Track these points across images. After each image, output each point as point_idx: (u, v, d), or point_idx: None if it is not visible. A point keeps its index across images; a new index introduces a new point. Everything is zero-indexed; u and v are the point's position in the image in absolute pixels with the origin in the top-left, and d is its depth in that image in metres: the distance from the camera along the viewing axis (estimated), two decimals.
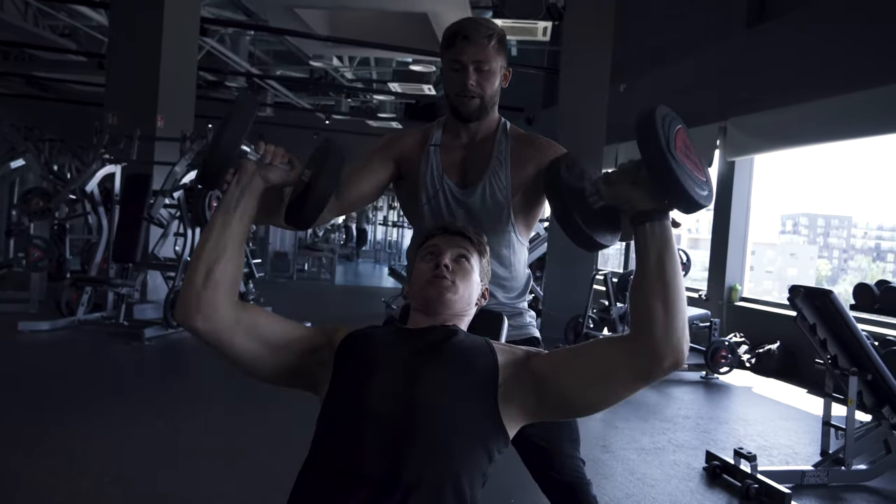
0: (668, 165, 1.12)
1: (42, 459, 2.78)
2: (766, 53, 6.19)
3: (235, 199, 1.24)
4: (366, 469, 1.04)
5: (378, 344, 1.23)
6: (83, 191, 5.91)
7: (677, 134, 1.17)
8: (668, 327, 1.11)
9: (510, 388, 1.19)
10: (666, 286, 1.12)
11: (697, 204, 1.16)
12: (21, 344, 4.96)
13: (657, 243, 1.15)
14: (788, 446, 3.71)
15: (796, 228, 25.53)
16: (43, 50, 11.48)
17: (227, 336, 1.21)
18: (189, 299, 1.19)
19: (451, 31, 1.60)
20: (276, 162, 1.27)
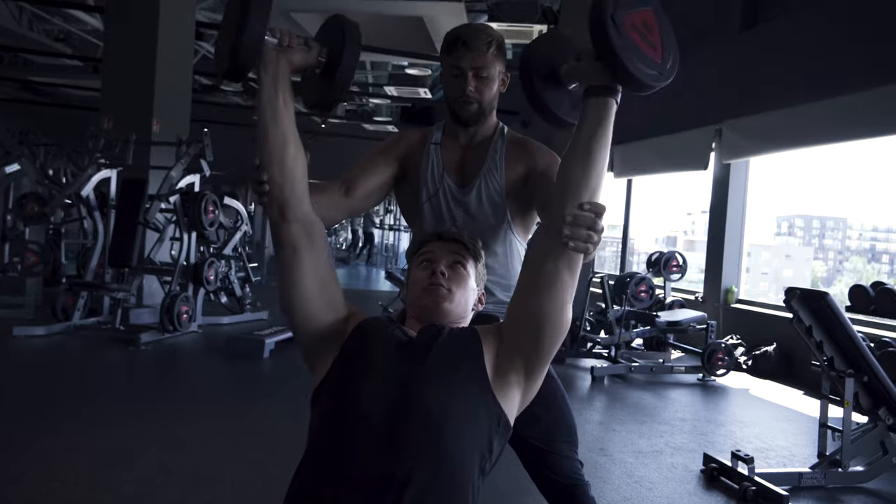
0: (605, 33, 1.14)
1: (38, 465, 2.77)
2: (759, 56, 6.21)
3: (273, 88, 1.26)
4: (360, 468, 1.05)
5: (377, 348, 1.24)
6: (78, 195, 5.89)
7: (638, 13, 1.19)
8: (576, 195, 1.19)
9: (499, 363, 1.23)
10: (589, 157, 1.21)
11: (637, 79, 1.18)
12: (16, 349, 4.94)
13: (594, 117, 1.22)
14: (786, 448, 3.72)
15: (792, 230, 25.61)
16: (37, 54, 11.47)
17: (304, 244, 1.27)
18: (273, 199, 1.25)
19: (451, 37, 1.63)
20: (294, 44, 1.28)
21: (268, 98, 1.25)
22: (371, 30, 9.68)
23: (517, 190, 1.68)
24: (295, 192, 1.25)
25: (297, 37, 1.30)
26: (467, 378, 1.20)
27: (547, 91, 1.36)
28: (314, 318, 1.28)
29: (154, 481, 2.72)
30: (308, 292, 1.27)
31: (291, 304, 1.28)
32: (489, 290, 1.66)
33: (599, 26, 1.15)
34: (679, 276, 6.36)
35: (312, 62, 1.33)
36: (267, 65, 1.26)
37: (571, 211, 1.17)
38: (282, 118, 1.25)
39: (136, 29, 6.74)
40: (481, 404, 1.18)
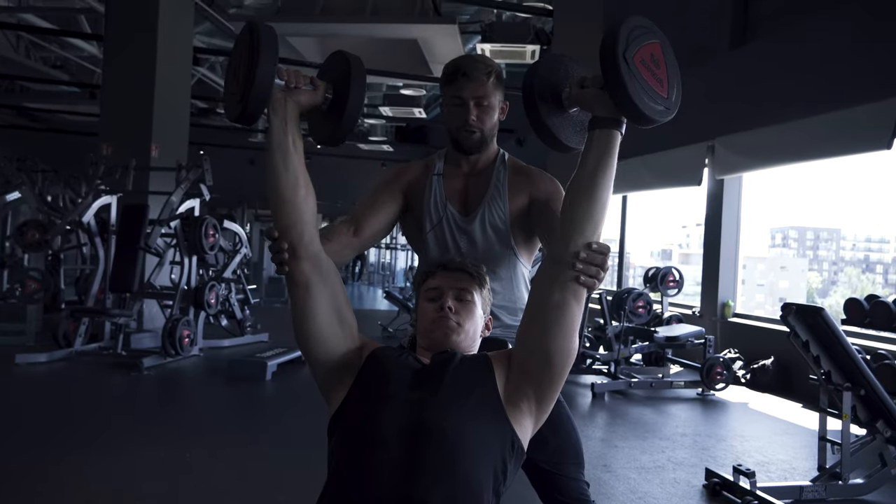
0: (616, 68, 1.17)
1: (44, 493, 2.78)
2: (750, 73, 6.32)
3: (282, 130, 1.29)
4: (379, 494, 1.08)
5: (391, 375, 1.28)
6: (79, 222, 5.93)
7: (646, 46, 1.22)
8: (581, 222, 1.23)
9: (509, 390, 1.26)
10: (593, 190, 1.24)
11: (644, 115, 1.21)
12: (19, 376, 4.95)
13: (598, 149, 1.26)
14: (786, 461, 3.76)
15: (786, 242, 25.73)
16: (35, 81, 11.54)
17: (316, 280, 1.29)
18: (286, 236, 1.27)
19: (451, 68, 1.68)
20: (300, 84, 1.32)
21: (278, 141, 1.29)
22: (366, 52, 9.75)
23: (520, 217, 1.72)
24: (306, 232, 1.28)
25: (304, 76, 1.33)
26: (480, 403, 1.23)
27: (550, 114, 1.39)
28: (331, 350, 1.32)
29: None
30: (324, 325, 1.30)
31: (308, 338, 1.31)
32: (496, 315, 1.70)
33: (612, 65, 1.18)
34: (676, 292, 6.42)
35: (319, 100, 1.36)
36: (276, 108, 1.29)
37: (581, 249, 1.22)
38: (292, 160, 1.29)
39: (134, 55, 6.82)
40: (495, 429, 1.22)
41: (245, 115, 1.27)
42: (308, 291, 1.29)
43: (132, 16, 6.85)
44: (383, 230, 1.78)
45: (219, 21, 8.50)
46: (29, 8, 9.23)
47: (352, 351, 1.33)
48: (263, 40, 1.24)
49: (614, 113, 1.25)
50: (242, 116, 1.27)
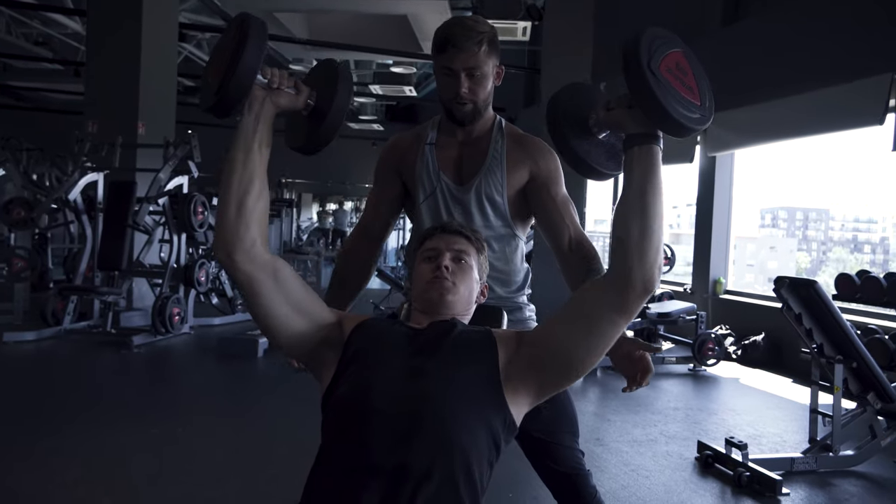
0: (644, 81, 1.11)
1: (35, 471, 2.76)
2: (742, 51, 6.28)
3: (252, 128, 1.23)
4: (375, 462, 1.06)
5: (383, 342, 1.25)
6: (65, 200, 5.85)
7: (669, 55, 1.16)
8: (641, 250, 1.13)
9: (510, 371, 1.22)
10: (644, 212, 1.15)
11: (681, 124, 1.14)
12: (6, 355, 4.90)
13: (642, 166, 1.17)
14: (777, 435, 3.78)
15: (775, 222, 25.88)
16: (17, 59, 11.34)
17: (260, 279, 1.21)
18: (225, 234, 1.20)
19: (441, 37, 1.60)
20: (283, 86, 1.26)
21: (244, 138, 1.22)
22: (355, 28, 9.69)
23: (519, 190, 1.68)
24: (247, 235, 1.20)
25: (289, 77, 1.27)
26: (479, 375, 1.21)
27: (581, 144, 1.30)
28: (300, 338, 1.27)
29: (153, 482, 2.72)
30: (283, 318, 1.25)
31: (269, 332, 1.27)
32: (490, 286, 1.67)
33: (639, 78, 1.11)
34: (668, 269, 6.43)
35: (299, 105, 1.30)
36: (252, 103, 1.22)
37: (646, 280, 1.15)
38: (253, 160, 1.22)
39: (118, 32, 6.70)
40: (491, 404, 1.20)
41: (219, 106, 1.21)
42: (253, 292, 1.22)
43: None
44: (392, 221, 1.83)
45: None
46: None
47: (327, 329, 1.28)
48: (252, 33, 1.18)
49: (649, 127, 1.17)
50: (216, 107, 1.21)
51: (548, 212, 1.66)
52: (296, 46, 10.53)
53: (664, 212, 1.16)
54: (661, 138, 1.19)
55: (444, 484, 1.07)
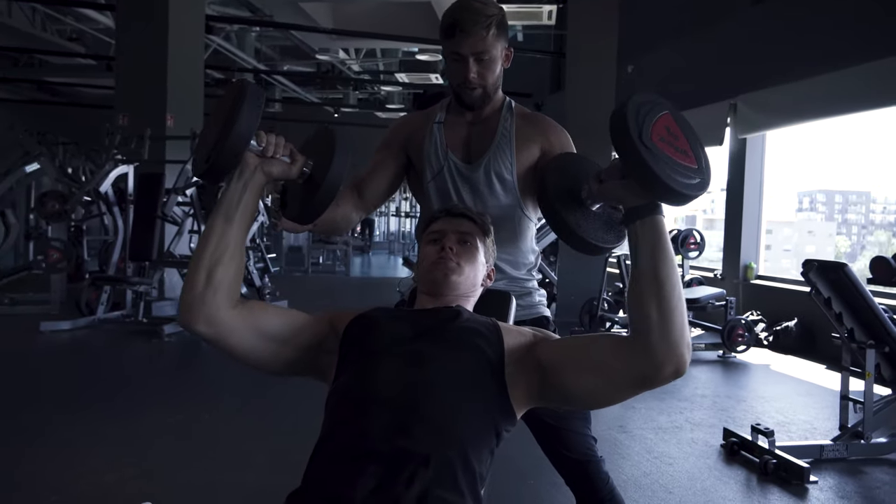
0: (638, 156, 1.06)
1: (66, 455, 2.84)
2: (773, 28, 6.11)
3: (237, 197, 1.18)
4: (374, 448, 1.06)
5: (382, 327, 1.24)
6: (98, 192, 5.98)
7: (658, 121, 1.11)
8: (664, 331, 1.05)
9: (516, 371, 1.20)
10: (660, 287, 1.07)
11: (682, 194, 1.09)
12: (43, 344, 5.05)
13: (648, 241, 1.10)
14: (807, 422, 3.70)
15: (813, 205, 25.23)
16: (52, 55, 11.58)
17: (230, 337, 1.19)
18: (191, 303, 1.16)
19: (448, 21, 1.58)
20: (278, 154, 1.23)
21: (227, 206, 1.18)
22: (380, 16, 9.67)
23: (529, 168, 1.65)
24: (213, 301, 1.17)
25: (284, 145, 1.24)
26: (481, 363, 1.19)
27: (576, 220, 1.24)
28: (295, 363, 1.26)
29: (180, 467, 2.78)
30: (270, 355, 1.24)
31: (262, 370, 1.26)
32: (500, 268, 1.66)
33: (632, 153, 1.07)
34: (697, 254, 6.31)
35: (293, 175, 1.25)
36: (242, 171, 1.19)
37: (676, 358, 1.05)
38: (232, 230, 1.19)
39: (146, 25, 6.79)
40: (492, 390, 1.18)
41: (209, 173, 1.17)
42: (225, 348, 1.21)
43: None
44: (387, 190, 1.75)
45: None
46: None
47: (318, 340, 1.26)
48: (248, 100, 1.15)
49: (649, 198, 1.11)
50: (207, 174, 1.18)
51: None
52: (321, 36, 10.55)
53: (680, 283, 1.09)
54: (662, 206, 1.13)
55: (441, 470, 1.06)
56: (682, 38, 7.55)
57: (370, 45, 12.01)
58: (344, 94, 14.71)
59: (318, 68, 13.03)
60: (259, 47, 12.00)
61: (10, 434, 3.05)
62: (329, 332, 1.27)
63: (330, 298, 8.33)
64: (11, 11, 9.98)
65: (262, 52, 12.28)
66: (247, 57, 11.35)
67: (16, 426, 3.17)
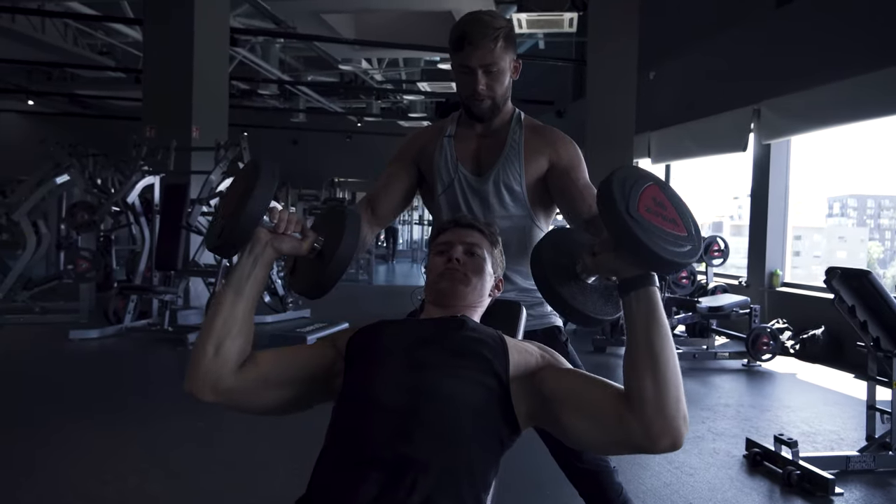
0: (627, 229, 1.07)
1: (91, 460, 2.90)
2: (797, 32, 6.04)
3: (247, 272, 1.22)
4: (376, 455, 1.07)
5: (385, 336, 1.26)
6: (125, 202, 6.11)
7: (644, 192, 1.12)
8: (659, 405, 1.04)
9: (520, 389, 1.20)
10: (655, 361, 1.06)
11: (674, 262, 1.09)
12: (72, 352, 5.16)
13: (642, 313, 1.09)
14: (834, 432, 3.63)
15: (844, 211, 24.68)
16: (83, 68, 11.87)
17: (240, 400, 1.23)
18: (197, 374, 1.19)
19: (456, 35, 1.60)
20: (289, 231, 1.25)
21: (237, 281, 1.22)
22: (401, 26, 9.74)
23: (538, 179, 1.67)
24: (220, 373, 1.20)
25: (296, 223, 1.27)
26: (485, 371, 1.19)
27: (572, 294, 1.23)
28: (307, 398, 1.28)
29: (200, 473, 2.81)
30: (280, 402, 1.26)
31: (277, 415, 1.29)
32: (510, 278, 1.67)
33: (621, 227, 1.08)
34: (721, 261, 6.24)
35: (302, 252, 1.28)
36: (253, 247, 1.22)
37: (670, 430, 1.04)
38: (240, 303, 1.21)
39: (172, 39, 6.92)
40: (496, 398, 1.17)
41: (221, 248, 1.22)
42: (236, 408, 1.25)
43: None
44: (400, 204, 1.77)
45: (256, 2, 8.55)
46: None
47: (324, 370, 1.27)
48: (262, 180, 1.19)
49: (641, 270, 1.12)
50: (219, 248, 1.23)
51: (567, 196, 1.63)
52: (344, 47, 10.67)
53: (675, 355, 1.08)
54: (656, 276, 1.13)
55: (443, 477, 1.06)
56: (704, 43, 7.49)
57: (392, 54, 12.11)
58: (367, 104, 14.83)
59: (341, 78, 13.16)
60: (283, 58, 12.16)
61: (36, 439, 3.13)
62: (335, 356, 1.27)
63: (353, 307, 8.37)
64: (45, 28, 10.27)
65: (287, 62, 12.44)
66: (271, 68, 11.51)
67: (42, 431, 3.24)
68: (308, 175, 15.43)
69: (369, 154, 3.85)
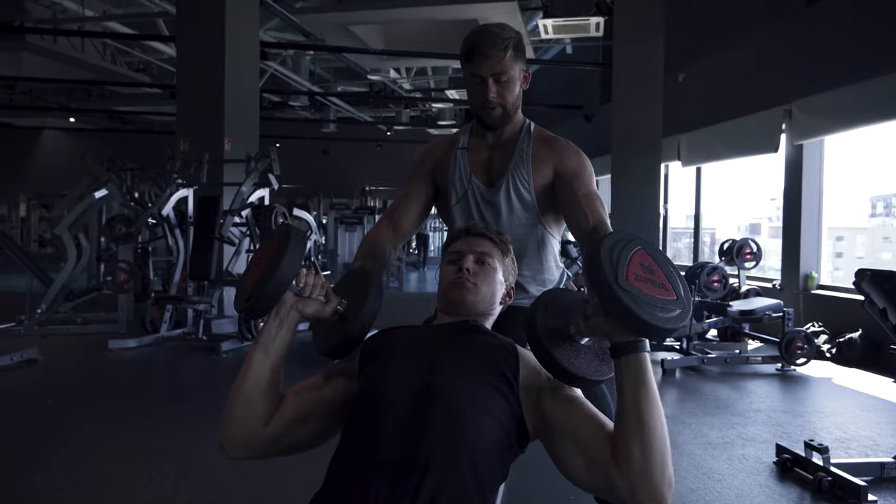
0: (617, 300, 1.09)
1: (130, 467, 2.99)
2: (828, 30, 5.93)
3: (274, 332, 1.28)
4: (385, 455, 1.10)
5: (398, 339, 1.30)
6: (161, 215, 6.27)
7: (633, 259, 1.14)
8: (645, 470, 1.07)
9: (527, 400, 1.23)
10: (643, 428, 1.08)
11: (664, 329, 1.11)
12: (110, 361, 5.31)
13: (632, 378, 1.12)
14: (869, 438, 3.55)
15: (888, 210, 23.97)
16: (120, 85, 12.24)
17: (272, 449, 1.28)
18: (230, 430, 1.25)
19: (467, 46, 1.66)
20: (314, 295, 1.31)
21: (265, 341, 1.28)
22: (429, 35, 9.83)
23: (546, 187, 1.70)
24: (250, 429, 1.26)
25: (322, 286, 1.32)
26: (496, 375, 1.21)
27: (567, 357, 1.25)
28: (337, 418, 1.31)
29: (235, 480, 2.88)
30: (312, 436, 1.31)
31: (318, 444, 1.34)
32: (523, 285, 1.69)
33: (611, 299, 1.10)
34: (753, 264, 6.14)
35: (326, 315, 1.33)
36: (279, 310, 1.28)
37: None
38: (269, 360, 1.28)
39: (204, 54, 7.10)
40: (506, 402, 1.19)
41: (250, 311, 1.28)
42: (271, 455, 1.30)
43: (200, 15, 7.12)
44: (419, 218, 1.83)
45: (285, 16, 8.72)
46: (112, 16, 9.80)
47: (346, 382, 1.32)
48: (291, 247, 1.24)
49: (631, 336, 1.14)
50: (246, 311, 1.28)
51: (569, 206, 1.66)
52: (373, 57, 10.81)
53: (663, 420, 1.10)
54: (647, 342, 1.15)
55: (451, 477, 1.09)
56: (733, 43, 7.40)
57: (420, 63, 12.21)
58: (396, 113, 14.98)
59: (370, 88, 13.32)
60: (314, 70, 12.36)
61: (75, 445, 3.24)
62: (349, 383, 1.32)
63: (382, 313, 8.43)
64: (84, 47, 10.63)
65: (317, 74, 12.64)
66: (302, 80, 11.70)
67: (80, 438, 3.35)
68: (339, 184, 15.63)
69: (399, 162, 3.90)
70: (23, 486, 2.72)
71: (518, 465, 1.38)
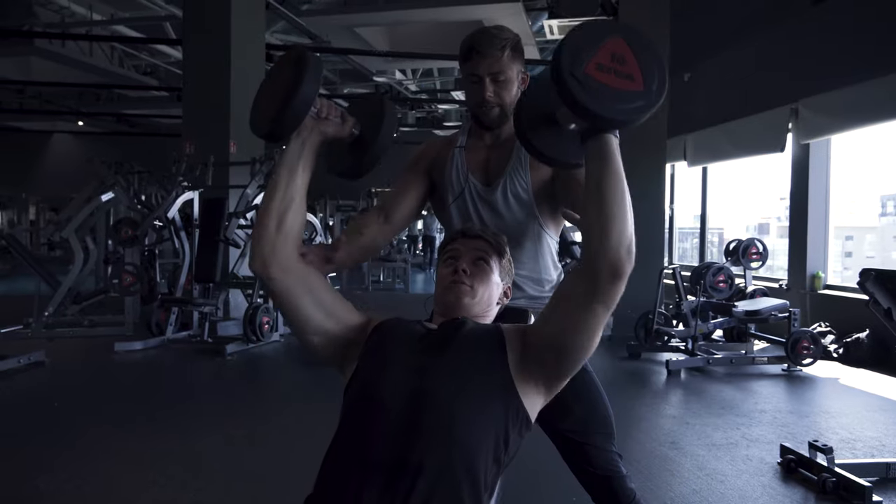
0: (563, 85, 1.12)
1: (135, 468, 3.00)
2: (834, 29, 5.89)
3: (298, 153, 1.34)
4: (377, 457, 1.11)
5: (396, 340, 1.30)
6: (167, 217, 6.30)
7: (603, 48, 1.14)
8: (602, 237, 1.14)
9: (520, 366, 1.24)
10: (602, 197, 1.16)
11: (621, 121, 1.14)
12: (116, 363, 5.34)
13: (595, 158, 1.19)
14: (875, 438, 3.52)
15: None
16: (128, 89, 12.31)
17: (296, 291, 1.33)
18: (264, 247, 1.31)
19: (465, 45, 1.67)
20: (330, 116, 1.37)
21: (290, 161, 1.34)
22: (434, 37, 9.84)
23: (544, 186, 1.70)
24: (285, 248, 1.31)
25: (336, 108, 1.39)
26: (486, 370, 1.23)
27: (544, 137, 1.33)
28: (331, 340, 1.36)
29: (237, 483, 2.89)
30: (317, 323, 1.34)
31: (303, 336, 1.37)
32: (520, 285, 1.69)
33: (561, 86, 1.12)
34: (759, 264, 6.10)
35: (344, 135, 1.41)
36: (301, 130, 1.34)
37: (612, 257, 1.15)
38: (295, 181, 1.34)
39: (210, 56, 7.12)
40: (500, 397, 1.21)
41: (273, 134, 1.32)
42: (289, 302, 1.33)
43: (206, 18, 7.15)
44: (412, 213, 1.82)
45: (291, 18, 8.75)
46: (119, 20, 9.86)
47: (354, 330, 1.36)
48: (310, 69, 1.28)
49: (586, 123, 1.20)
50: (271, 134, 1.32)
51: (571, 188, 1.63)
52: (378, 59, 10.83)
53: (625, 197, 1.16)
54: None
55: (443, 479, 1.09)
56: (738, 42, 7.36)
57: (426, 65, 12.23)
58: (402, 114, 14.98)
59: (376, 89, 13.35)
60: None
61: (81, 446, 3.25)
62: (361, 329, 1.37)
63: (389, 314, 8.44)
64: (93, 51, 10.71)
65: (323, 76, 12.68)
66: None
67: (86, 440, 3.37)
68: (345, 186, 15.63)
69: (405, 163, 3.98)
70: (26, 488, 2.74)
71: (518, 464, 1.39)
